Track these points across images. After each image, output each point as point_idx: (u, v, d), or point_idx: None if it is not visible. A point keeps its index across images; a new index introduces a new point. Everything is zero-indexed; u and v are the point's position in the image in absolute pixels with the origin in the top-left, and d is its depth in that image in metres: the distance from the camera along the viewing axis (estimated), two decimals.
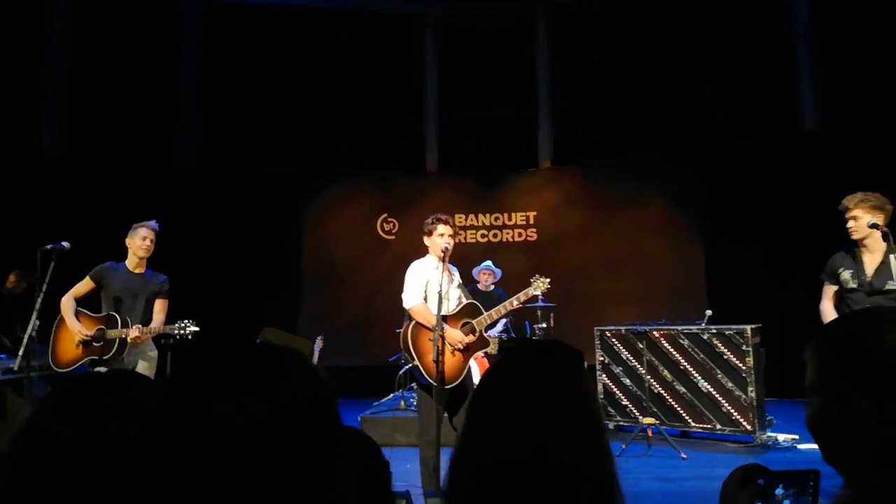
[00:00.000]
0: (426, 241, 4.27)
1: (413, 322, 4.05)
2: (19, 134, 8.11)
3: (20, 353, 4.01)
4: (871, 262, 3.89)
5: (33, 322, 4.02)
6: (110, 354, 4.20)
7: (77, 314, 4.34)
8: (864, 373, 0.91)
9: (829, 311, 4.04)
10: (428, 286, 4.12)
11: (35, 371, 4.60)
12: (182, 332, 4.32)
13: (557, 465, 1.00)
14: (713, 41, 8.73)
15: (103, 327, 4.27)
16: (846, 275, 3.96)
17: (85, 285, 4.36)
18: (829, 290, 4.08)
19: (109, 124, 8.62)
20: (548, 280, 4.29)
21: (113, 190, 7.98)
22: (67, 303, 4.33)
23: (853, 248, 3.98)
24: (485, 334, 4.14)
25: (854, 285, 3.91)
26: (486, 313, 4.08)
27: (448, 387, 3.89)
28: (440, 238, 4.13)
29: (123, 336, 4.20)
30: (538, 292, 4.27)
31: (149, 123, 8.93)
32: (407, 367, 4.13)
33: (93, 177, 8.12)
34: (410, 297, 4.09)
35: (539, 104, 9.69)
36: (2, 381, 6.12)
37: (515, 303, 4.17)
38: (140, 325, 4.24)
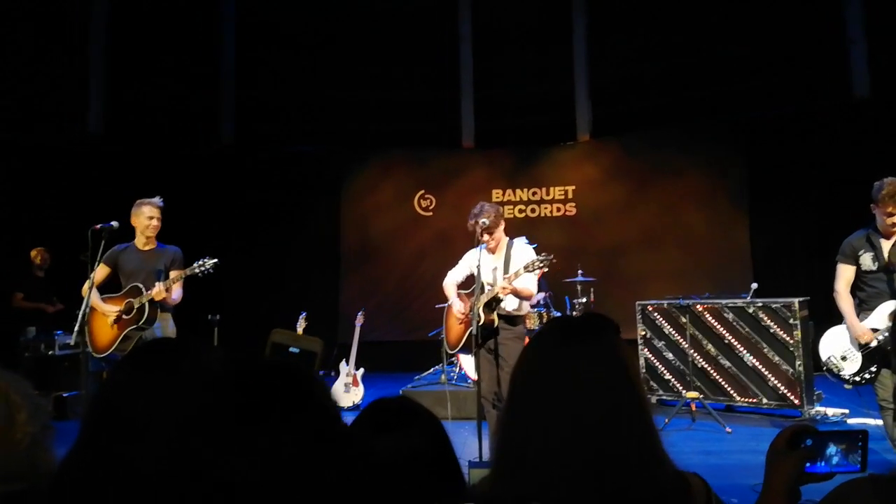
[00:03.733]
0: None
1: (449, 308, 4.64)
2: (63, 115, 8.34)
3: (76, 329, 4.15)
4: (886, 244, 3.90)
5: (87, 299, 4.17)
6: (144, 319, 4.27)
7: (104, 300, 4.43)
8: None
9: (843, 293, 4.02)
10: (475, 270, 4.25)
11: (90, 346, 4.76)
12: (202, 269, 4.32)
13: (600, 434, 1.00)
14: (757, 5, 8.40)
15: (130, 299, 4.38)
16: (867, 258, 3.94)
17: (101, 271, 4.38)
18: (844, 272, 4.03)
19: (150, 105, 8.79)
20: (548, 258, 4.06)
21: (155, 169, 8.16)
22: (94, 294, 4.33)
23: (869, 232, 3.98)
24: (485, 311, 4.17)
25: (874, 268, 3.91)
26: (483, 293, 4.14)
27: (451, 352, 4.71)
28: (474, 227, 4.36)
29: (148, 299, 4.26)
30: (530, 270, 4.05)
31: (188, 104, 9.08)
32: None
33: (135, 156, 8.32)
34: (447, 277, 4.66)
35: (576, 76, 9.51)
36: (59, 357, 6.40)
37: (506, 284, 4.08)
38: (159, 282, 4.29)
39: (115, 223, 4.31)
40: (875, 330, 3.84)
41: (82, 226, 4.25)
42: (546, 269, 4.48)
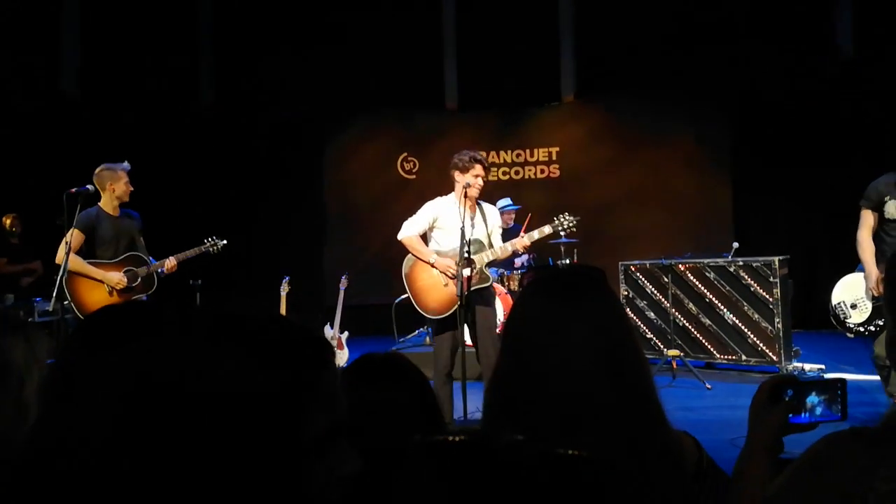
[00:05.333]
0: (456, 175, 4.13)
1: (409, 256, 4.13)
2: (38, 78, 8.08)
3: (54, 295, 4.10)
4: None
5: (64, 265, 4.10)
6: (152, 291, 4.31)
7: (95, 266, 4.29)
8: None
9: (866, 242, 3.79)
10: (438, 221, 4.11)
11: (69, 313, 4.72)
12: (214, 248, 4.47)
13: (596, 388, 0.99)
14: None
15: (131, 268, 4.32)
16: (892, 205, 3.71)
17: (77, 237, 4.18)
18: (868, 218, 3.81)
19: (127, 68, 8.53)
20: (574, 219, 4.04)
21: (134, 132, 7.98)
22: (78, 259, 4.19)
23: None
24: (486, 271, 4.04)
25: None
26: (489, 250, 3.99)
27: (436, 317, 3.99)
28: (474, 179, 4.05)
29: (157, 270, 4.28)
30: (559, 230, 4.06)
31: (167, 64, 8.83)
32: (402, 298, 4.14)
33: (112, 121, 8.11)
34: (405, 230, 4.17)
35: (561, 36, 9.36)
36: (38, 324, 6.33)
37: (527, 241, 4.04)
38: (171, 257, 4.33)
39: (90, 187, 4.23)
40: None
41: (54, 190, 4.16)
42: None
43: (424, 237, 4.23)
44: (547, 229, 4.03)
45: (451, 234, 4.02)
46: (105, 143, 7.74)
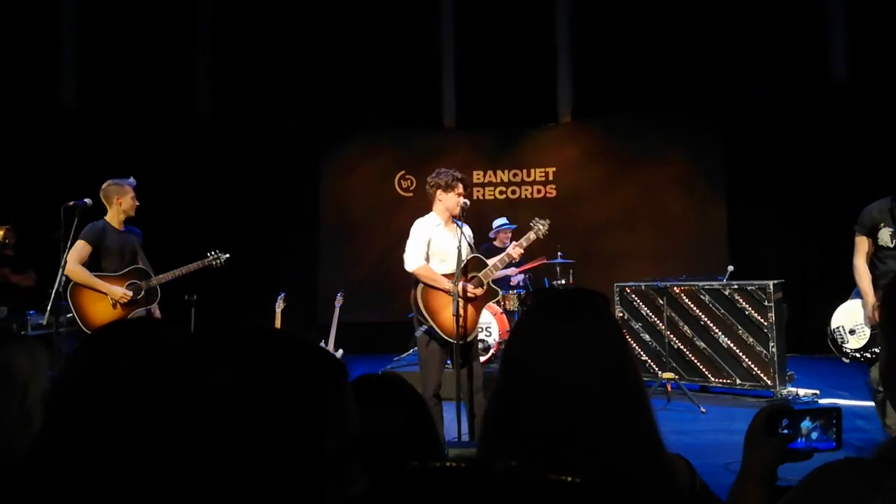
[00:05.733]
0: (439, 194, 4.19)
1: (420, 284, 4.05)
2: (35, 87, 8.10)
3: (48, 308, 4.08)
4: None
5: (60, 278, 4.09)
6: (154, 304, 4.41)
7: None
8: None
9: (862, 269, 3.79)
10: (431, 245, 4.12)
11: (63, 327, 4.69)
12: (217, 261, 4.61)
13: (593, 410, 0.99)
14: None
15: (134, 281, 4.36)
16: (885, 233, 3.71)
17: (84, 250, 4.21)
18: (862, 244, 3.81)
19: (125, 77, 8.56)
20: (547, 221, 4.22)
21: (130, 144, 7.98)
22: (84, 271, 4.21)
23: (892, 203, 3.70)
24: (493, 286, 4.15)
25: (891, 245, 3.69)
26: (490, 264, 4.07)
27: (465, 340, 3.89)
28: (458, 197, 4.12)
29: (160, 282, 4.39)
30: (538, 235, 4.21)
31: (165, 75, 8.86)
32: (424, 328, 4.06)
33: (110, 130, 8.11)
34: (412, 260, 4.08)
35: (559, 57, 9.46)
36: (32, 337, 6.28)
37: (519, 249, 4.15)
38: (174, 270, 4.44)
39: (88, 200, 4.23)
40: None
41: (51, 202, 4.15)
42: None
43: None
44: (532, 235, 4.16)
45: (444, 254, 4.07)
46: (102, 154, 7.76)
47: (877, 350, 3.67)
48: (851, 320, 3.87)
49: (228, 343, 0.56)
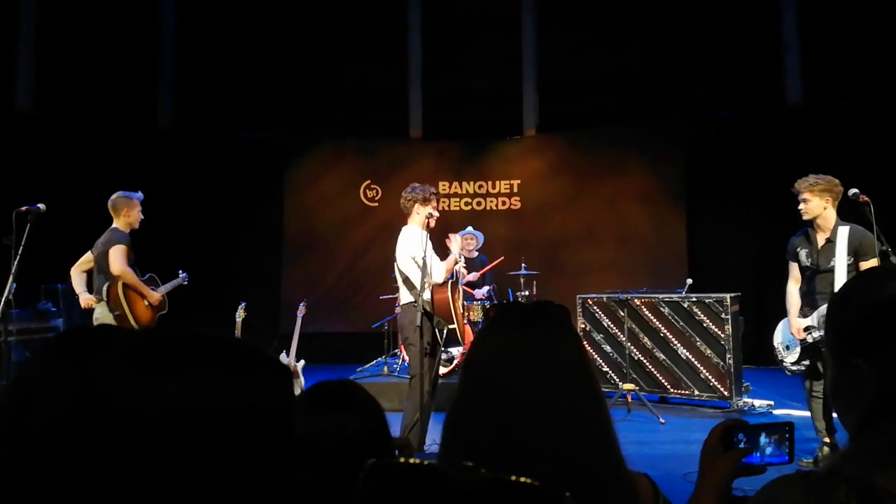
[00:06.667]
0: (418, 207, 4.38)
1: (448, 290, 4.30)
2: None
3: None
4: (821, 241, 4.05)
5: (10, 286, 3.95)
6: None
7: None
8: (854, 330, 0.88)
9: (792, 292, 4.23)
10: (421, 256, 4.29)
11: (13, 335, 4.53)
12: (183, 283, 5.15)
13: (552, 423, 1.00)
14: (700, 11, 8.65)
15: (156, 287, 4.82)
16: (802, 254, 4.12)
17: (127, 251, 4.47)
18: (793, 270, 4.25)
19: (84, 84, 8.36)
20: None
21: (89, 151, 7.79)
22: (133, 274, 4.49)
23: (808, 229, 4.14)
24: (464, 302, 4.56)
25: (808, 264, 4.08)
26: (423, 281, 4.25)
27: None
28: (434, 211, 4.35)
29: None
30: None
31: (126, 83, 8.69)
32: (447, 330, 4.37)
33: (68, 137, 7.89)
34: (441, 272, 4.27)
35: (524, 70, 9.59)
36: None
37: (454, 238, 4.57)
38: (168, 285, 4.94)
39: (41, 205, 4.11)
40: (808, 329, 4.05)
41: (2, 208, 4.03)
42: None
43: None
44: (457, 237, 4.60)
45: (430, 266, 4.27)
46: (58, 160, 7.55)
47: (806, 362, 4.08)
48: (787, 337, 4.23)
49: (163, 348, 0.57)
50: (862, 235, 3.91)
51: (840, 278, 3.86)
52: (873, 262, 3.84)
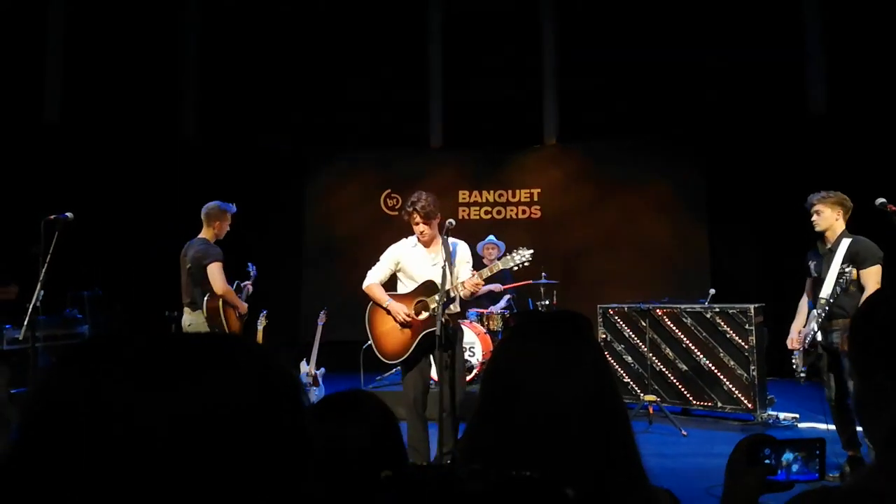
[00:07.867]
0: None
1: (371, 302, 4.20)
2: (19, 103, 8.03)
3: (25, 323, 4.01)
4: (826, 251, 4.17)
5: (38, 293, 4.03)
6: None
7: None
8: (876, 346, 0.86)
9: (801, 306, 4.37)
10: (402, 265, 4.20)
11: (40, 342, 4.61)
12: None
13: (573, 433, 0.99)
14: (722, 21, 8.58)
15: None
16: (812, 266, 4.27)
17: (222, 264, 4.58)
18: (808, 282, 4.38)
19: (110, 96, 8.52)
20: (527, 253, 4.07)
21: (114, 162, 7.92)
22: (231, 291, 4.67)
23: (818, 242, 4.28)
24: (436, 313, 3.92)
25: (815, 274, 4.24)
26: (441, 291, 3.81)
27: (390, 362, 4.12)
28: (415, 226, 4.17)
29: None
30: (511, 266, 4.10)
31: (151, 95, 8.84)
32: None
33: (93, 148, 8.04)
34: (367, 279, 4.23)
35: (545, 80, 9.58)
36: (6, 352, 6.17)
37: (478, 279, 3.97)
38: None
39: (69, 214, 4.19)
40: (810, 337, 4.16)
41: (31, 217, 4.11)
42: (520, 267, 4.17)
43: (393, 281, 4.27)
44: (499, 264, 4.06)
45: (411, 273, 4.15)
46: (85, 170, 7.69)
47: (804, 368, 4.21)
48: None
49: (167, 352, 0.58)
50: (861, 244, 4.00)
51: (828, 286, 3.99)
52: (873, 269, 3.91)
